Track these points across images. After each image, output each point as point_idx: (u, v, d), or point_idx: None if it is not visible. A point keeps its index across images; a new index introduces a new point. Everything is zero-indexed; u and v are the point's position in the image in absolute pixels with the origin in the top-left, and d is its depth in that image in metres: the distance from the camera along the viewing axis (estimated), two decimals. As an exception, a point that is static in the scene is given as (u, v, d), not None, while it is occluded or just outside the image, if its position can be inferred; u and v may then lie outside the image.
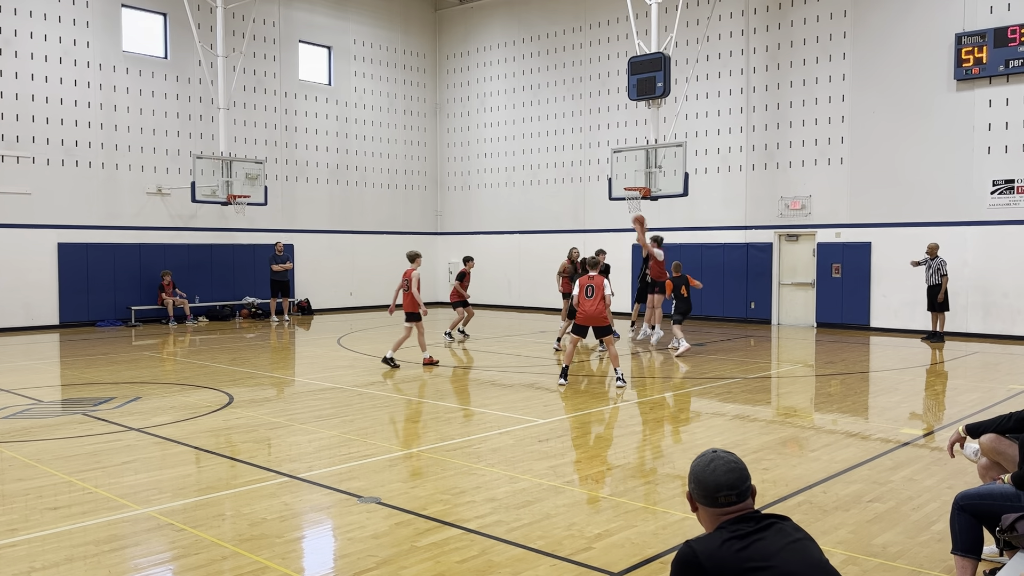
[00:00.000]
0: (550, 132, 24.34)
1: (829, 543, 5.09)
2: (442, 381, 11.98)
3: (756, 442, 7.92)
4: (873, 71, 18.43)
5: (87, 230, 19.76)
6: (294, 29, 23.68)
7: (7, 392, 10.81)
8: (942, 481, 6.50)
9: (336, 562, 4.94)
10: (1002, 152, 16.89)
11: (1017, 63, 16.44)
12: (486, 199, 26.05)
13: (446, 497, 6.12)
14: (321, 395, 10.61)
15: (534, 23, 24.66)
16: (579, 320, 11.36)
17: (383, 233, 25.70)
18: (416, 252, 13.30)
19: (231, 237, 22.26)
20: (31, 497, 6.13)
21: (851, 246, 18.87)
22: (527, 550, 5.03)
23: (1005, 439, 4.69)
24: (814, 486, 6.39)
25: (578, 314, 11.35)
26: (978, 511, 4.20)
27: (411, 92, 26.62)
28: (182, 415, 9.25)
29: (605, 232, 22.83)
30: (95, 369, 12.93)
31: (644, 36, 19.05)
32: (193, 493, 6.26)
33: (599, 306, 11.19)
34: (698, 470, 2.79)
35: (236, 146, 21.77)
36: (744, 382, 11.64)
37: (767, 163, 20.13)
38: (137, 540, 5.28)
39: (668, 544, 5.12)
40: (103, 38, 20.03)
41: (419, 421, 9.04)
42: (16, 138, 18.70)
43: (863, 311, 18.75)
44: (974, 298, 17.28)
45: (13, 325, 18.62)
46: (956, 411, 9.52)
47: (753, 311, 20.38)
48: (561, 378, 11.27)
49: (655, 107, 17.99)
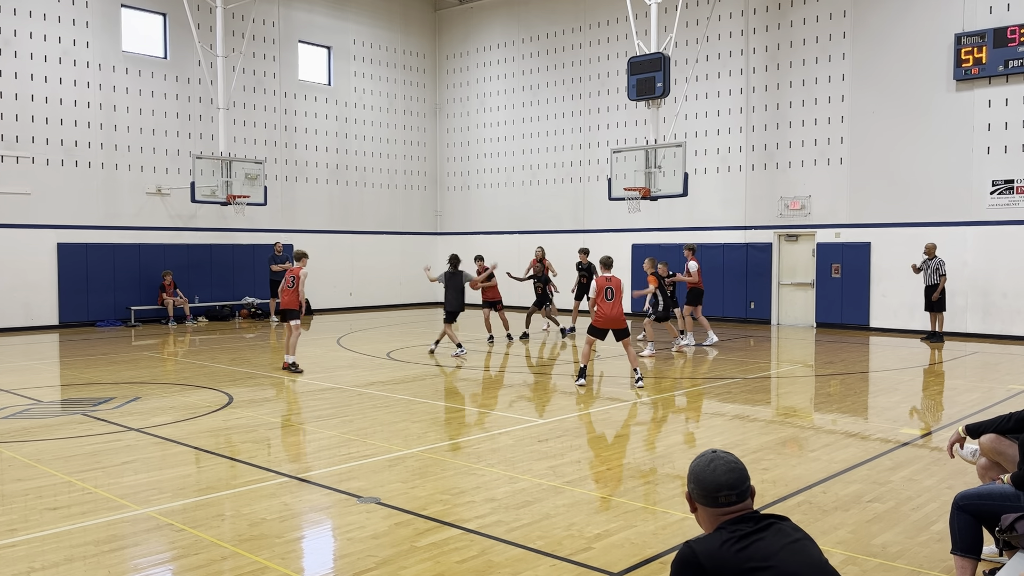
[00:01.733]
0: (550, 132, 24.35)
1: (829, 543, 5.09)
2: (442, 381, 11.98)
3: (756, 442, 7.92)
4: (873, 71, 18.43)
5: (87, 230, 19.76)
6: (294, 29, 23.68)
7: (7, 392, 10.81)
8: (942, 481, 6.50)
9: (336, 562, 4.94)
10: (1001, 152, 16.90)
11: (1016, 63, 16.44)
12: (486, 199, 26.05)
13: (446, 497, 6.12)
14: (321, 395, 10.61)
15: (534, 23, 24.67)
16: (600, 323, 11.07)
17: (383, 233, 25.70)
18: (303, 251, 13.03)
19: (231, 237, 22.26)
20: (31, 497, 6.13)
21: (851, 246, 18.87)
22: (527, 550, 5.03)
23: (1005, 439, 4.69)
24: (814, 486, 6.40)
25: (597, 316, 11.06)
26: (978, 511, 4.20)
27: (411, 92, 26.62)
28: (182, 415, 9.25)
29: (605, 232, 22.84)
30: (95, 369, 12.93)
31: (644, 36, 19.06)
32: (193, 493, 6.26)
33: (619, 308, 11.07)
34: (698, 470, 2.79)
35: (236, 146, 21.77)
36: (744, 382, 11.64)
37: (767, 163, 20.13)
38: (137, 540, 5.28)
39: (668, 544, 5.13)
40: (103, 38, 20.03)
41: (419, 421, 9.04)
42: (16, 138, 18.70)
43: (863, 311, 18.76)
44: (973, 298, 17.28)
45: (13, 325, 18.61)
46: (955, 411, 9.52)
47: (753, 311, 20.38)
48: (580, 378, 11.13)
49: (655, 107, 17.99)
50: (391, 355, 14.47)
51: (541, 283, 17.41)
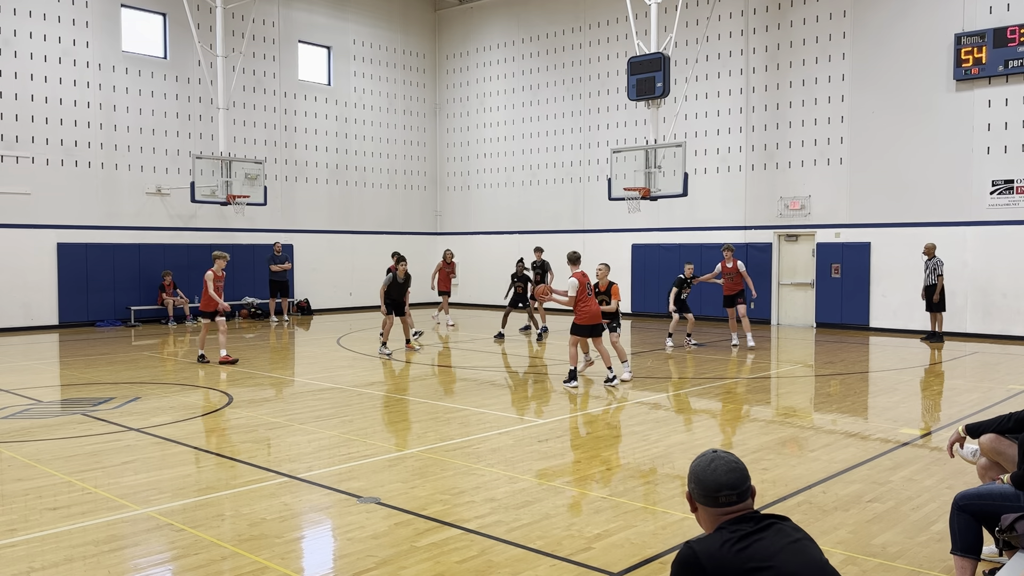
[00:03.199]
0: (550, 132, 24.35)
1: (829, 543, 5.09)
2: (441, 381, 11.98)
3: (755, 442, 7.92)
4: (873, 71, 18.43)
5: (86, 230, 19.75)
6: (293, 29, 23.68)
7: (7, 392, 10.81)
8: (941, 481, 6.50)
9: (336, 562, 4.94)
10: (1001, 152, 16.90)
11: (1016, 63, 16.44)
12: (486, 199, 26.05)
13: (446, 497, 6.12)
14: (320, 395, 10.61)
15: (534, 23, 24.67)
16: (584, 320, 11.02)
17: (383, 233, 25.70)
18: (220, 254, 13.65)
19: (230, 237, 22.25)
20: (30, 497, 6.13)
21: (850, 246, 18.87)
22: (527, 550, 5.03)
23: (1005, 439, 4.69)
24: (813, 486, 6.40)
25: (581, 314, 11.01)
26: (977, 511, 4.20)
27: (411, 92, 26.62)
28: (182, 415, 9.25)
29: (604, 232, 22.85)
30: (94, 369, 12.93)
31: (644, 36, 19.06)
32: (193, 493, 6.26)
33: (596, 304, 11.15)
34: (699, 470, 2.79)
35: (235, 146, 21.77)
36: (744, 382, 11.64)
37: (766, 163, 20.14)
38: (136, 540, 5.28)
39: (667, 544, 5.13)
40: (102, 38, 20.03)
41: (419, 421, 9.04)
42: (16, 138, 18.70)
43: (862, 311, 18.76)
44: (973, 298, 17.29)
45: (12, 325, 18.60)
46: (955, 411, 9.52)
47: (752, 311, 20.36)
48: (571, 380, 11.04)
49: (655, 107, 17.99)
50: (391, 355, 14.46)
51: (521, 283, 17.60)
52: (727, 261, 15.58)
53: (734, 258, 15.67)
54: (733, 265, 15.56)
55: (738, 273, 15.56)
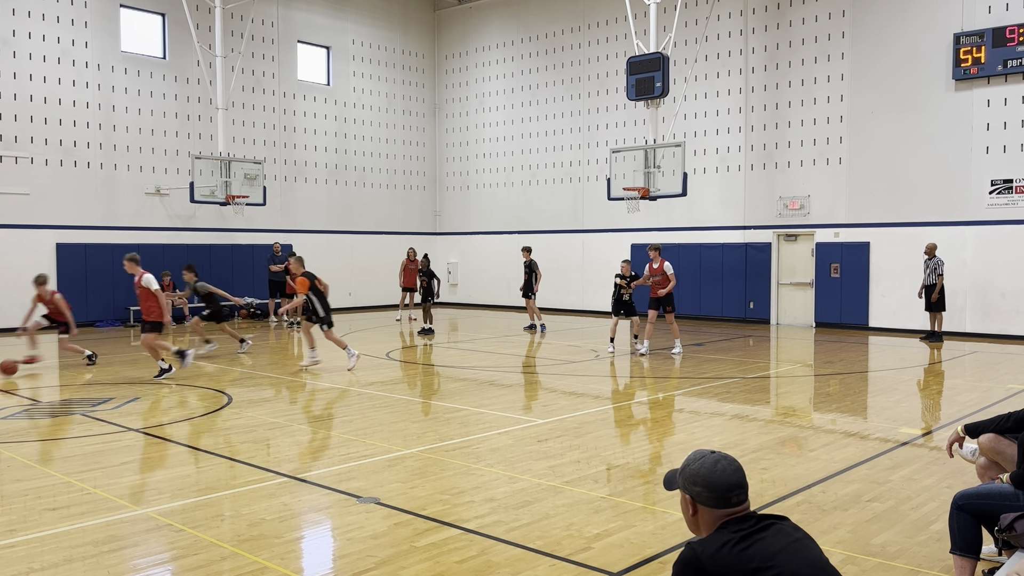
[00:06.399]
0: (549, 132, 24.34)
1: (828, 543, 5.09)
2: (441, 381, 11.98)
3: (755, 442, 7.92)
4: (872, 71, 18.44)
5: (86, 230, 19.74)
6: (293, 29, 23.67)
7: (6, 392, 10.81)
8: (941, 480, 6.50)
9: (335, 562, 4.94)
10: (1000, 152, 16.91)
11: (1015, 63, 16.45)
12: (485, 199, 26.05)
13: (445, 497, 6.12)
14: (320, 395, 10.61)
15: (533, 23, 24.66)
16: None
17: (382, 233, 25.69)
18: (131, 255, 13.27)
19: (230, 237, 22.25)
20: (30, 497, 6.13)
21: (850, 246, 18.88)
22: (526, 550, 5.03)
23: (1004, 439, 4.69)
24: (813, 486, 6.40)
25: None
26: (977, 510, 4.21)
27: (410, 92, 26.61)
28: (181, 415, 9.24)
29: (604, 232, 22.85)
30: (94, 369, 12.93)
31: (643, 36, 19.05)
32: (192, 493, 6.26)
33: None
34: (705, 472, 2.75)
35: (235, 146, 21.76)
36: (743, 382, 11.64)
37: (766, 163, 20.14)
38: (136, 541, 5.28)
39: (667, 544, 5.13)
40: (101, 38, 20.02)
41: (418, 421, 9.04)
42: (15, 138, 18.68)
43: (862, 311, 18.76)
44: (972, 298, 17.29)
45: (12, 325, 18.56)
46: (955, 411, 9.53)
47: (752, 311, 20.38)
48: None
49: (654, 107, 17.99)
50: (391, 355, 14.46)
51: (427, 278, 18.28)
52: (654, 262, 14.39)
53: (661, 258, 14.51)
54: (660, 266, 14.32)
55: (664, 275, 14.22)
